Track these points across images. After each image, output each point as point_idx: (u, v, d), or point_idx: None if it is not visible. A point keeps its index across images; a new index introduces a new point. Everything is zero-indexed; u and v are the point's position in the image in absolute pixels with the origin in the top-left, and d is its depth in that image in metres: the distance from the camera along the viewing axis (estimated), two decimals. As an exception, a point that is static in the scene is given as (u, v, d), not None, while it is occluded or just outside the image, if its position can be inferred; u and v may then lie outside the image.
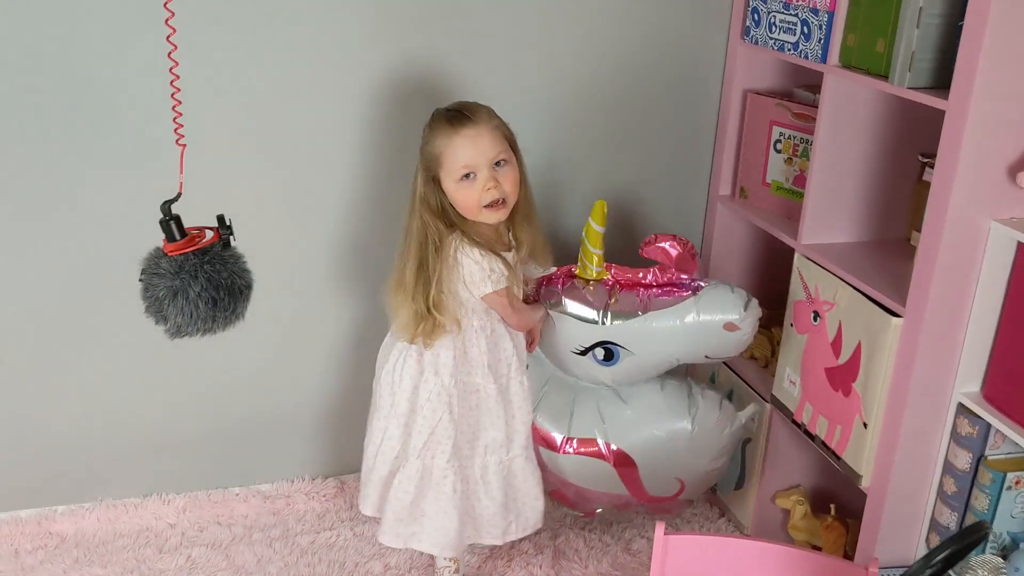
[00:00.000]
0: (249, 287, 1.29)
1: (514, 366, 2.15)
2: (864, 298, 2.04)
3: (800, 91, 2.49)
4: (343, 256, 2.52)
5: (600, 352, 2.20)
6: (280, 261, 2.46)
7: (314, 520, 2.62)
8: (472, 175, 1.96)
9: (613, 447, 2.26)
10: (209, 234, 1.26)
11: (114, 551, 2.47)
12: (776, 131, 2.45)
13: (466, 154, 1.94)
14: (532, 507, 2.27)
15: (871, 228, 2.27)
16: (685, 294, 2.18)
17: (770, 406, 2.42)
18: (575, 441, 2.27)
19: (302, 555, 2.48)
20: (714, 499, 2.73)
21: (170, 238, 1.17)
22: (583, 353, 2.22)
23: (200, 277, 1.17)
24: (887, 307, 1.98)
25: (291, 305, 2.54)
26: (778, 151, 2.46)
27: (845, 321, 2.10)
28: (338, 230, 2.49)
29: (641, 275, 2.23)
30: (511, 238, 2.13)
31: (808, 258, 2.23)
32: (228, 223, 1.21)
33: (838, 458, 2.15)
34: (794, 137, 2.41)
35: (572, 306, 2.20)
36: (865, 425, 2.05)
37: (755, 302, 2.20)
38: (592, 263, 2.21)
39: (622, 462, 2.27)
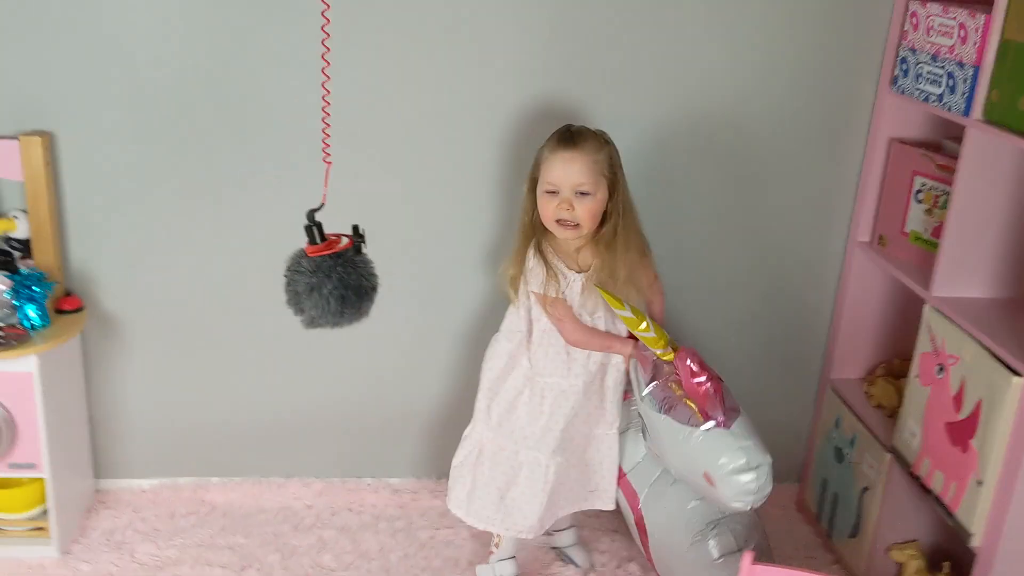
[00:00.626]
0: (374, 289, 1.45)
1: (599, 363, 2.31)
2: (988, 355, 2.02)
3: (949, 143, 2.47)
4: (475, 265, 2.68)
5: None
6: (416, 269, 2.66)
7: (436, 517, 2.78)
8: (556, 192, 2.13)
9: (640, 505, 2.36)
10: (345, 240, 1.43)
11: (256, 524, 2.72)
12: (918, 181, 2.44)
13: (556, 173, 2.13)
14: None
15: (1006, 285, 2.23)
16: (704, 421, 2.11)
17: (890, 456, 2.40)
18: (626, 476, 2.41)
19: (420, 548, 2.65)
20: (829, 545, 2.71)
21: (311, 241, 1.35)
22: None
23: (333, 277, 1.34)
24: (1011, 366, 1.96)
25: (430, 311, 2.73)
26: (919, 201, 2.45)
27: (968, 377, 2.08)
28: (468, 239, 2.67)
29: (697, 380, 2.14)
30: (582, 262, 2.26)
31: (937, 310, 2.22)
32: (361, 232, 1.37)
33: (951, 514, 2.12)
34: (936, 188, 2.40)
35: (637, 368, 2.30)
36: (980, 483, 2.02)
37: (755, 477, 2.06)
38: (654, 346, 2.21)
39: (640, 522, 2.38)
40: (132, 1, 2.37)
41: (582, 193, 2.12)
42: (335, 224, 1.61)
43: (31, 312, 2.38)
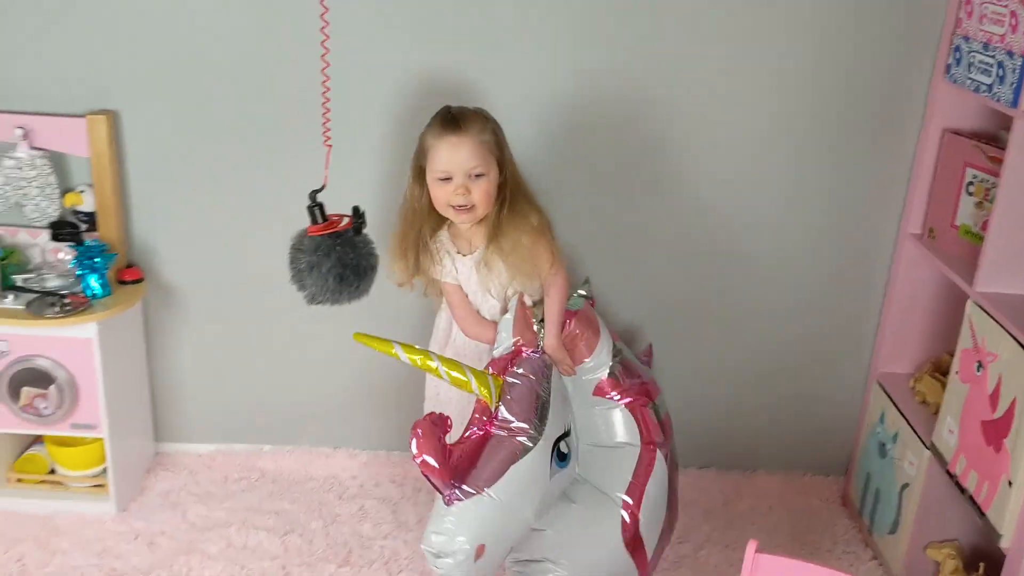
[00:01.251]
0: (374, 268, 1.50)
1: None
2: (1025, 353, 1.97)
3: (1005, 134, 2.40)
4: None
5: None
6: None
7: (476, 494, 2.84)
8: (449, 178, 2.04)
9: None
10: (345, 221, 1.48)
11: (303, 491, 2.82)
12: (969, 173, 2.38)
13: (444, 158, 2.03)
14: None
15: (1053, 282, 2.16)
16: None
17: (929, 454, 2.36)
18: None
19: (458, 523, 2.71)
20: (869, 540, 2.67)
21: (313, 221, 1.40)
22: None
23: (332, 256, 1.39)
24: (1047, 365, 1.91)
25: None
26: (970, 194, 2.39)
27: (1005, 375, 2.03)
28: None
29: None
30: (475, 244, 2.16)
31: (979, 306, 2.17)
32: (361, 213, 1.42)
33: (982, 514, 2.08)
34: (987, 181, 2.33)
35: None
36: (1010, 483, 1.97)
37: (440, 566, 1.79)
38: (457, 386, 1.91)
39: None
40: (192, -14, 2.47)
41: (477, 175, 2.04)
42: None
43: (93, 282, 2.52)
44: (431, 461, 1.70)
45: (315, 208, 1.40)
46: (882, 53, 2.51)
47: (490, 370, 1.94)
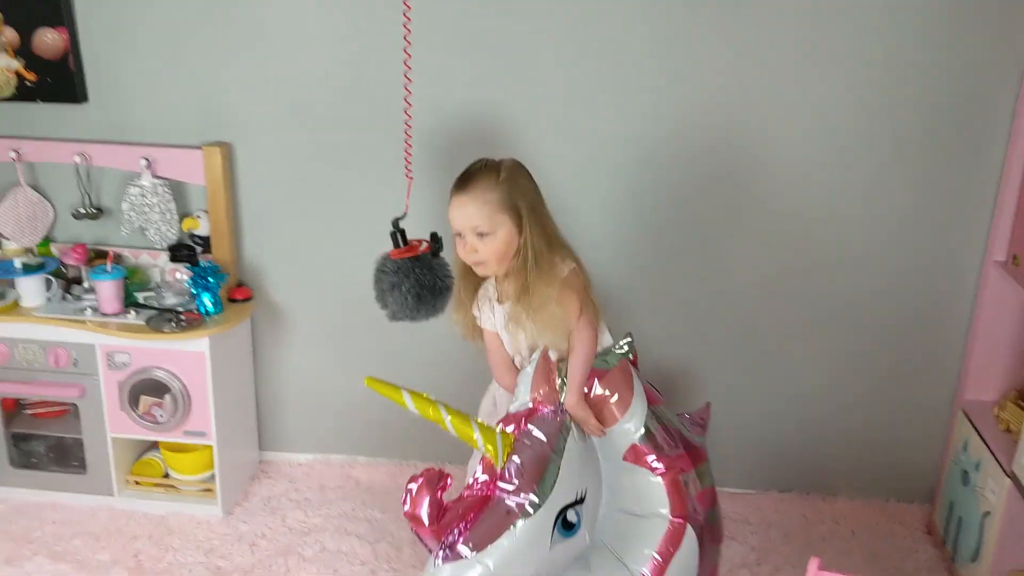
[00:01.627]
0: (448, 289, 1.61)
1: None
2: (1102, 381, 1.96)
3: (1092, 160, 2.39)
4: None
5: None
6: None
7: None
8: (460, 235, 2.02)
9: None
10: (424, 245, 1.61)
11: (393, 501, 2.96)
12: (1053, 200, 2.37)
13: (453, 217, 2.01)
14: None
15: None
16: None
17: (1009, 482, 2.35)
18: None
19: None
20: (952, 568, 2.66)
21: (395, 245, 1.54)
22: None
23: (411, 277, 1.52)
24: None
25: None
26: (1054, 221, 2.38)
27: (1083, 403, 2.02)
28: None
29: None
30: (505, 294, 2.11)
31: (1058, 334, 2.16)
32: (439, 238, 1.55)
33: (1059, 543, 2.07)
34: (1070, 208, 2.32)
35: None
36: (1086, 512, 1.96)
37: None
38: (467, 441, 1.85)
39: None
40: (300, 33, 2.67)
41: (482, 234, 1.99)
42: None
43: (206, 300, 2.73)
44: (422, 518, 1.66)
45: (396, 233, 1.53)
46: (965, 79, 2.53)
47: (501, 426, 1.86)
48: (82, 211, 2.86)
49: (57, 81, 2.75)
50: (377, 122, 2.70)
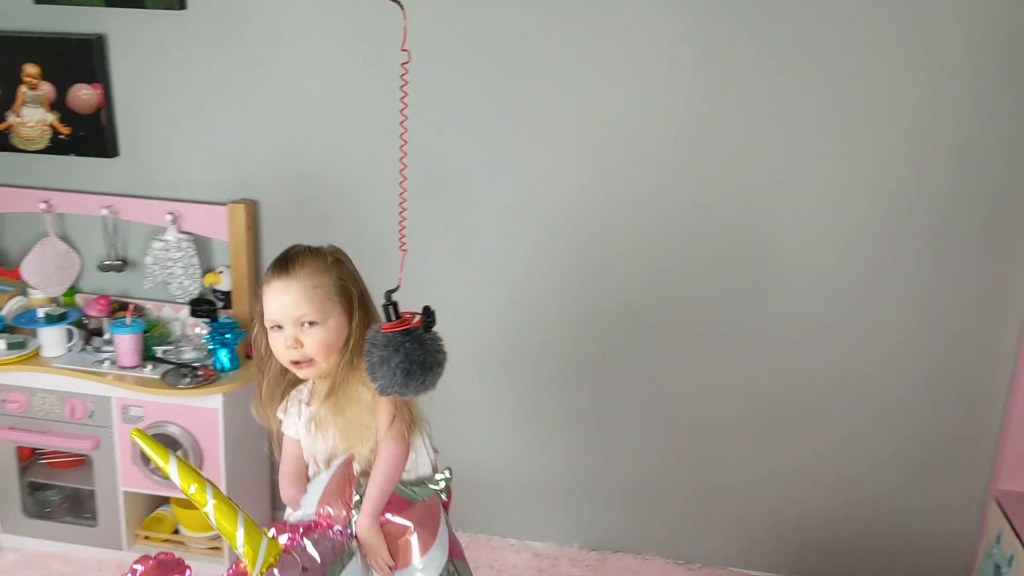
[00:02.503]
0: (439, 364, 1.57)
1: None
2: None
3: None
4: (619, 340, 2.77)
5: None
6: (577, 346, 2.79)
7: (572, 586, 2.86)
8: (279, 327, 1.80)
9: None
10: (416, 319, 1.58)
11: (404, 568, 2.90)
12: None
13: (272, 305, 1.79)
14: None
15: None
16: None
17: (1043, 580, 2.23)
18: None
19: (551, 613, 2.73)
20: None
21: (387, 318, 1.51)
22: None
23: (401, 351, 1.48)
24: None
25: (585, 383, 2.84)
26: (1092, 307, 2.28)
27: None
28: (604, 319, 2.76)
29: None
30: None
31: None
32: (431, 312, 1.52)
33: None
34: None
35: None
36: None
37: None
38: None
39: None
40: (324, 99, 2.70)
41: (309, 323, 1.78)
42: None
43: (223, 356, 2.72)
44: None
45: (389, 306, 1.51)
46: (990, 148, 2.45)
47: (272, 532, 1.65)
48: (107, 263, 2.89)
49: (90, 135, 2.81)
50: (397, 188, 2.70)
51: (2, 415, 2.80)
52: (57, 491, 2.96)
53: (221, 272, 2.85)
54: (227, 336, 2.73)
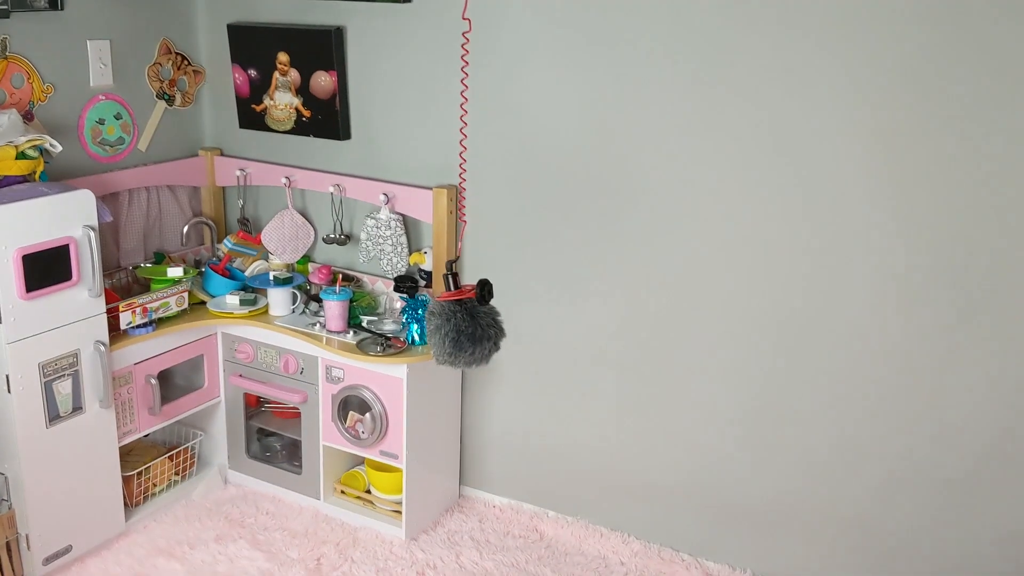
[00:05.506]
0: (490, 339, 1.53)
1: None
2: None
3: None
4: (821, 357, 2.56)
5: None
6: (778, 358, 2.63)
7: (738, 612, 2.70)
8: None
9: None
10: (471, 291, 1.56)
11: (568, 563, 2.90)
12: None
13: None
14: None
15: None
16: None
17: None
18: None
19: (705, 636, 2.60)
20: None
21: (446, 288, 1.52)
22: None
23: (451, 322, 1.49)
24: None
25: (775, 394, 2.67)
26: None
27: None
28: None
29: None
30: None
31: None
32: (487, 286, 1.49)
33: None
34: None
35: None
36: None
37: None
38: None
39: None
40: (537, 96, 2.76)
41: None
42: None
43: (414, 330, 2.88)
44: None
45: (448, 276, 1.52)
46: None
47: None
48: (331, 236, 3.16)
49: (326, 119, 3.08)
50: (604, 184, 2.71)
51: (234, 363, 3.16)
52: (276, 438, 3.29)
53: (425, 252, 3.01)
54: (419, 313, 2.88)
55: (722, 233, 2.61)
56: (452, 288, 1.56)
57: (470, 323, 1.54)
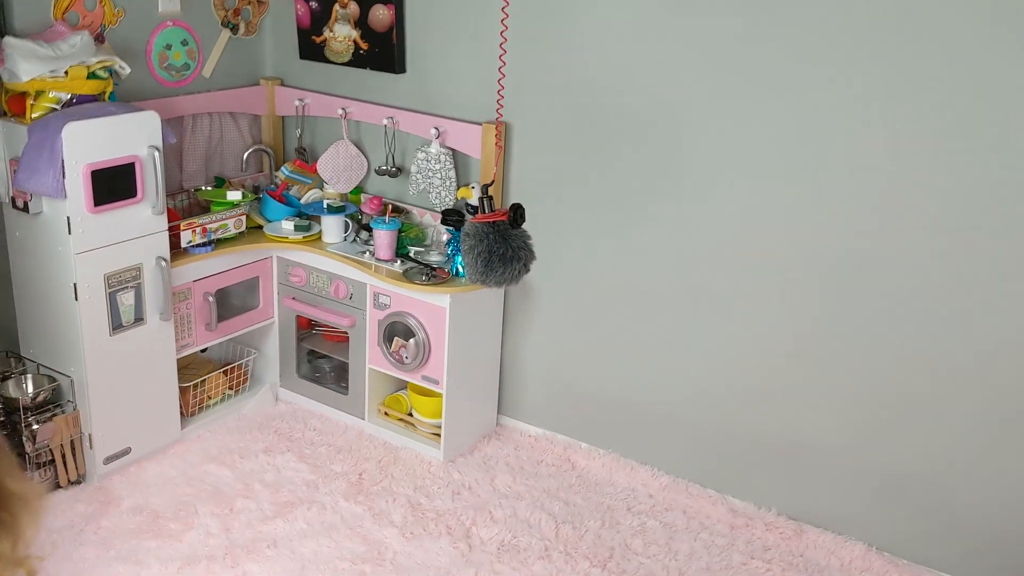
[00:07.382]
0: (521, 260, 1.61)
1: None
2: None
3: None
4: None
5: None
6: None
7: (760, 549, 2.78)
8: None
9: None
10: (503, 214, 1.63)
11: (598, 493, 3.01)
12: None
13: None
14: None
15: None
16: None
17: None
18: None
19: (725, 569, 2.69)
20: None
21: (480, 211, 1.59)
22: None
23: (484, 243, 1.56)
24: None
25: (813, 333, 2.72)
26: None
27: None
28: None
29: None
30: None
31: None
32: (519, 209, 1.56)
33: None
34: None
35: None
36: None
37: None
38: None
39: None
40: (588, 23, 2.80)
41: None
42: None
43: (459, 263, 2.97)
44: None
45: (483, 199, 1.60)
46: None
47: None
48: (383, 168, 3.26)
49: (383, 52, 3.16)
50: (653, 122, 2.76)
51: (287, 287, 3.30)
52: (326, 360, 3.43)
53: (473, 187, 3.09)
54: (465, 245, 2.97)
55: (771, 174, 2.64)
56: (487, 211, 1.64)
57: (502, 244, 1.62)
